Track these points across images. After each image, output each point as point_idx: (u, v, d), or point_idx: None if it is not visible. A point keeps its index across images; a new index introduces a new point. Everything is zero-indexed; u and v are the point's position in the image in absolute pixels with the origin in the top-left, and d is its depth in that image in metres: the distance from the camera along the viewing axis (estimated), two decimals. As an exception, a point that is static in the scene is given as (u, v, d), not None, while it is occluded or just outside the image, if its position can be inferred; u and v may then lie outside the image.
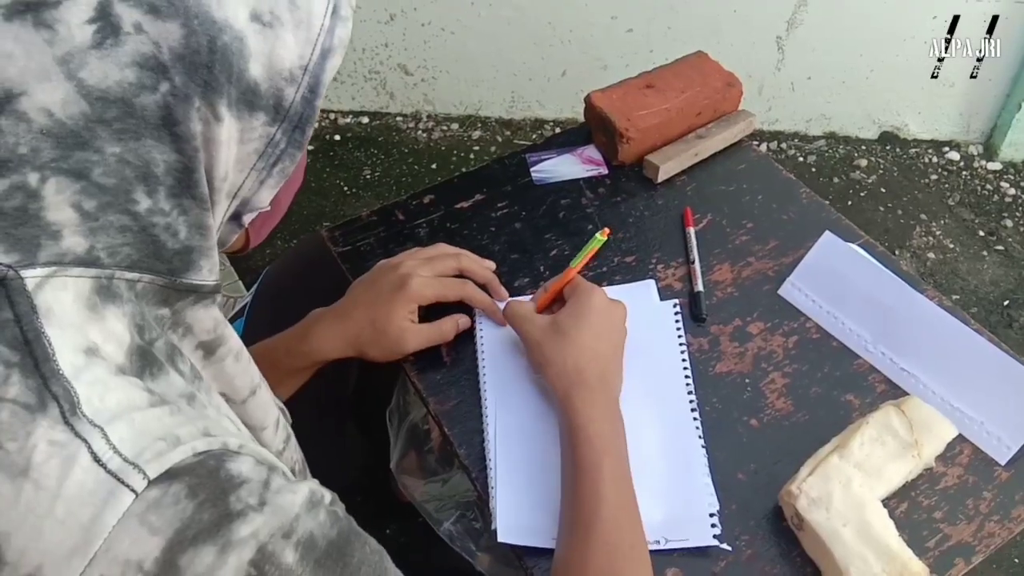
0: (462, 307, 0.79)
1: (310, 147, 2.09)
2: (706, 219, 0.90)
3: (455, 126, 2.11)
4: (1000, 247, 1.86)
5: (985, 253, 1.85)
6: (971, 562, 0.65)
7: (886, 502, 0.66)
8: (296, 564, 0.37)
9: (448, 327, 0.77)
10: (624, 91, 0.96)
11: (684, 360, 0.77)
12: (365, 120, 2.13)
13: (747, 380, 0.76)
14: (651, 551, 0.63)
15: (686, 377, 0.75)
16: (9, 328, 0.35)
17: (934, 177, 2.01)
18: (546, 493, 0.67)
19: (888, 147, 2.07)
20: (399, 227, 0.90)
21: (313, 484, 0.41)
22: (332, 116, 2.14)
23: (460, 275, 0.80)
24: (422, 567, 0.48)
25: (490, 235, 0.89)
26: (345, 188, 1.96)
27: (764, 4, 1.84)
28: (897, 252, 1.81)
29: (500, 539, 0.65)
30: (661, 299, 0.82)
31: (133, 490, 0.34)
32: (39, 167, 0.36)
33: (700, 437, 0.71)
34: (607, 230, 0.84)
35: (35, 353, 0.35)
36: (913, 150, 2.06)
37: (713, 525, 0.66)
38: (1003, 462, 0.70)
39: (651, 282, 0.84)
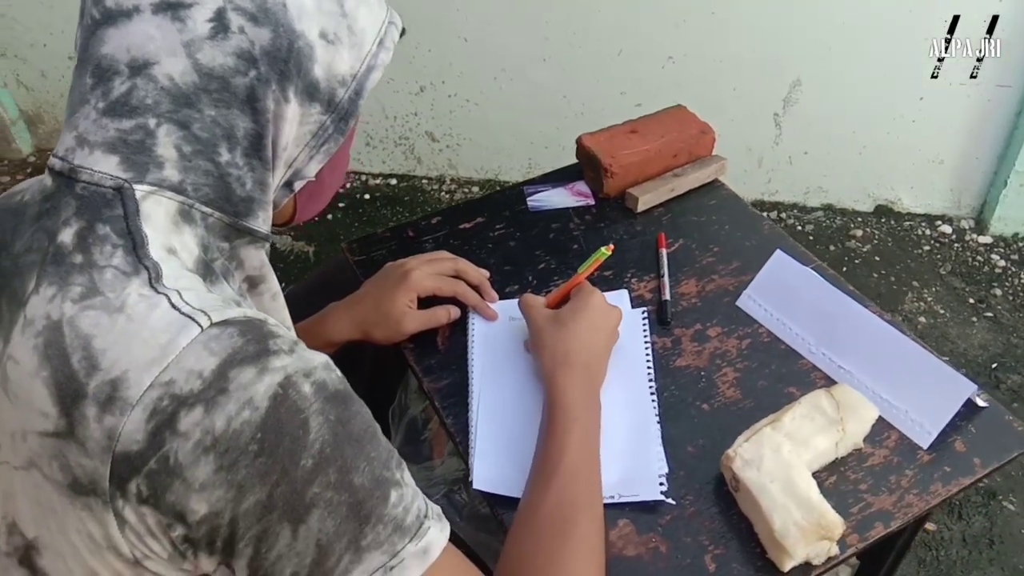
0: (456, 303, 0.91)
1: (341, 204, 2.26)
2: (678, 243, 1.02)
3: (476, 189, 2.28)
4: (989, 314, 1.94)
5: (975, 319, 1.93)
6: (889, 526, 0.73)
7: (817, 476, 0.76)
8: (311, 395, 0.49)
9: (441, 313, 0.89)
10: (611, 134, 1.10)
11: (648, 353, 0.87)
12: (393, 182, 2.31)
13: (703, 373, 0.87)
14: (606, 504, 0.73)
15: (648, 366, 0.86)
16: (120, 222, 0.51)
17: (927, 248, 2.11)
18: (519, 451, 0.77)
19: (883, 219, 2.19)
20: (409, 242, 1.04)
21: (329, 359, 0.53)
22: (363, 177, 2.33)
23: (457, 277, 0.92)
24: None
25: (487, 250, 1.02)
26: (371, 240, 2.12)
27: (762, 84, 2.00)
28: (889, 315, 1.90)
29: (475, 487, 0.76)
30: (632, 307, 0.94)
31: (200, 325, 0.48)
32: (158, 115, 0.52)
33: (657, 415, 0.82)
34: (612, 246, 0.95)
35: (135, 240, 0.50)
36: (907, 223, 2.18)
37: (661, 484, 0.75)
38: (925, 446, 0.79)
39: (624, 291, 0.95)
